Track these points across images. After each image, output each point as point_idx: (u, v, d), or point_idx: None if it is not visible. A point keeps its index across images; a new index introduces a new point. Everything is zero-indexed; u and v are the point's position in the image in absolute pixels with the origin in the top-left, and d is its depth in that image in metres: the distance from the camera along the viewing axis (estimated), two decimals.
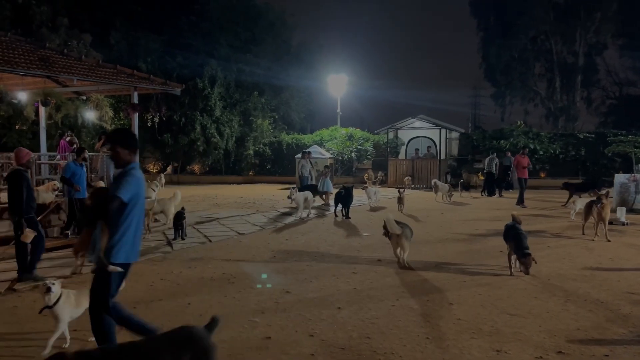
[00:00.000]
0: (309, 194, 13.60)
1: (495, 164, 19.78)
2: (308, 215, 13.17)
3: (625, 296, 5.78)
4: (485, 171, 19.96)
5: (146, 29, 28.83)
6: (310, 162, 17.24)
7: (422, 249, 8.74)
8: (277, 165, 29.45)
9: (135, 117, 13.40)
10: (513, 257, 6.82)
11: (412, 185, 23.65)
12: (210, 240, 9.58)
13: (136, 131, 14.20)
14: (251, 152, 29.15)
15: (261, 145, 29.38)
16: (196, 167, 31.55)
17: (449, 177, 23.24)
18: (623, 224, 11.28)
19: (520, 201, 15.50)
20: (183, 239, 9.49)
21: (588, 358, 4.09)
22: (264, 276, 6.79)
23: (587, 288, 6.13)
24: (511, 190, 20.55)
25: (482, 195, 19.11)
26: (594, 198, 10.02)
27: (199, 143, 27.57)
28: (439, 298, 5.77)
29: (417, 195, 19.80)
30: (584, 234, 9.94)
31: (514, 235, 6.76)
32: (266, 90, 30.87)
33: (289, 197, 13.13)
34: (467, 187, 19.91)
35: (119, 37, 28.51)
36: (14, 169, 6.53)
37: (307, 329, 4.83)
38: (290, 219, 12.65)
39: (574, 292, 5.95)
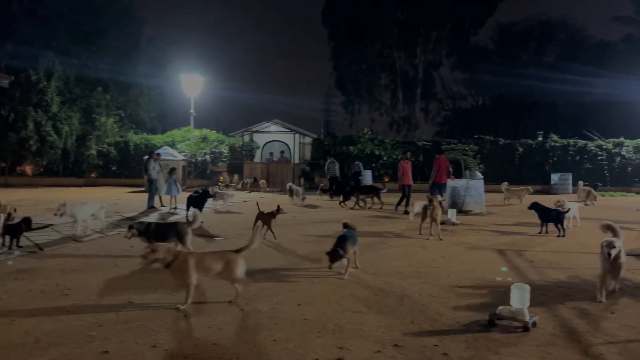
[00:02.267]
0: (95, 208, 10.62)
1: (337, 168, 20.74)
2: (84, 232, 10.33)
3: (454, 290, 6.38)
4: (328, 176, 20.79)
5: None
6: (160, 164, 16.52)
7: (273, 252, 8.83)
8: (124, 166, 27.77)
9: None
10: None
11: (267, 189, 23.88)
12: (41, 249, 8.66)
13: None
14: (94, 152, 27.10)
15: (105, 145, 27.46)
16: (28, 168, 28.46)
17: (302, 180, 23.90)
18: (454, 224, 12.49)
19: (401, 205, 15.66)
20: (10, 248, 8.46)
21: (420, 349, 4.43)
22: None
23: (421, 284, 6.66)
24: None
25: (331, 199, 19.88)
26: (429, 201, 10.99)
27: (31, 141, 24.92)
28: (288, 299, 5.85)
29: (273, 199, 20.01)
30: (420, 233, 10.81)
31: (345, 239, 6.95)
32: (112, 86, 28.94)
33: (58, 214, 9.89)
34: (326, 190, 20.49)
35: None
36: None
37: (149, 339, 4.57)
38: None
39: (410, 288, 6.42)
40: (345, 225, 7.54)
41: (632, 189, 25.86)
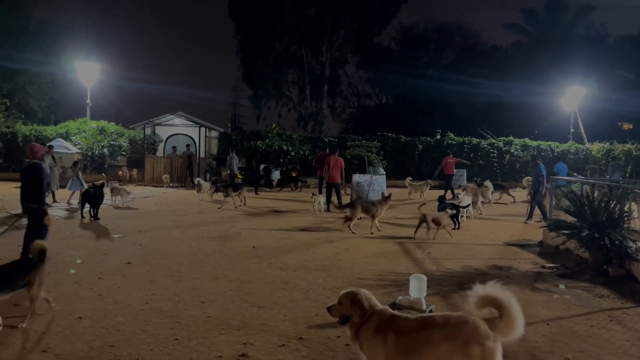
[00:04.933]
0: None
1: (235, 163, 20.64)
2: None
3: (357, 281, 6.56)
4: (228, 172, 20.60)
5: None
6: (53, 158, 15.43)
7: (175, 247, 8.58)
8: (11, 160, 25.54)
9: None
10: None
11: (171, 184, 23.11)
12: None
13: None
14: None
15: None
16: None
17: (208, 175, 23.37)
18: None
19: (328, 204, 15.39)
20: None
21: (324, 341, 4.51)
22: None
23: (326, 277, 6.78)
24: (268, 190, 21.67)
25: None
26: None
27: None
28: (191, 297, 5.71)
29: (177, 194, 19.44)
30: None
31: None
32: None
33: None
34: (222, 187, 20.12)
35: None
36: (31, 162, 6.75)
37: (39, 344, 4.28)
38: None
39: (314, 281, 6.52)
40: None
41: (520, 184, 27.94)
